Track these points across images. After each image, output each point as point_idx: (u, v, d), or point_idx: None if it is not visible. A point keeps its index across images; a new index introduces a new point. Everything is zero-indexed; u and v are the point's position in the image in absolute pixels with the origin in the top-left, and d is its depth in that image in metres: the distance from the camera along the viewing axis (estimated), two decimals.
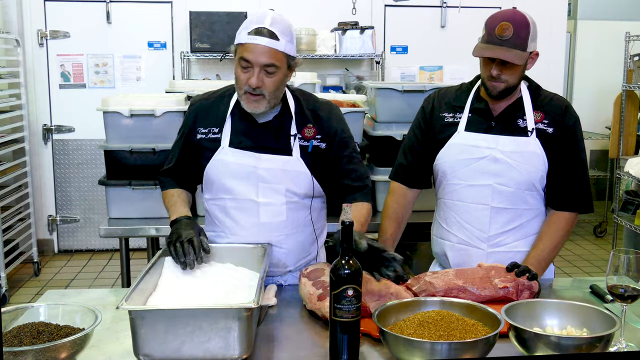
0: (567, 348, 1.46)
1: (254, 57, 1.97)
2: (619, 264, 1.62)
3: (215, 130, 2.14)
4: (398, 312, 1.65)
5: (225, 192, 2.13)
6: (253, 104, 2.03)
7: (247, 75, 2.00)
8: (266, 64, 1.98)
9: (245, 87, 2.01)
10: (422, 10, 5.79)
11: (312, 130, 2.15)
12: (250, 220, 2.11)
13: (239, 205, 2.12)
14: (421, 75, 5.85)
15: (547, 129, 2.16)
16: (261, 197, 2.11)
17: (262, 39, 1.97)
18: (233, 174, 2.11)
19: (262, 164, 2.10)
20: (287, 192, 2.12)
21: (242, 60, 1.99)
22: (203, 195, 2.23)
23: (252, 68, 1.99)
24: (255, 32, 1.98)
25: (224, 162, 2.11)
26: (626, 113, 5.30)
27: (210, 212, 2.21)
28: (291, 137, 2.13)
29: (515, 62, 2.04)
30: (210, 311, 1.54)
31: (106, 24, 5.51)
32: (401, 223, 2.34)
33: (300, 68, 5.93)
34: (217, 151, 2.12)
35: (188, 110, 2.24)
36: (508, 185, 2.17)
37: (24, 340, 1.48)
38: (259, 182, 2.10)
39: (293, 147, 2.12)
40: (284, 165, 2.11)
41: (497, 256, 2.18)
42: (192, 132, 2.18)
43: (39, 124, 5.57)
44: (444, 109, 2.28)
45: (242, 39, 2.00)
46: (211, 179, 2.15)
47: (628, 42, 5.18)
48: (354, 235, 1.59)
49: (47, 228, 5.68)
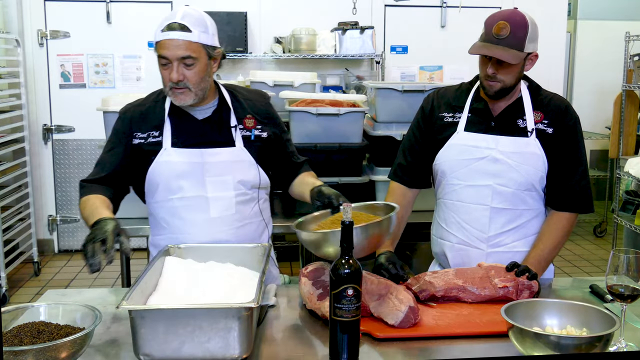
0: (567, 348, 1.46)
1: (170, 52, 2.02)
2: (618, 264, 1.62)
3: (155, 134, 2.15)
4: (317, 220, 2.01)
5: (172, 192, 2.15)
6: (179, 97, 2.08)
7: (167, 71, 2.05)
8: (183, 57, 2.02)
9: (169, 83, 2.06)
10: (422, 10, 5.79)
11: (252, 120, 2.22)
12: (200, 217, 2.13)
13: (188, 203, 2.14)
14: (421, 75, 5.85)
15: (547, 129, 2.16)
16: (210, 192, 2.14)
17: (175, 33, 2.02)
18: (179, 173, 2.13)
19: (208, 158, 2.14)
20: (236, 184, 2.17)
21: (160, 58, 2.05)
22: (147, 200, 2.23)
23: (170, 63, 2.04)
24: (168, 28, 2.02)
25: (169, 162, 2.13)
26: (626, 113, 5.30)
27: (156, 216, 2.21)
28: (232, 128, 2.18)
29: (510, 62, 2.04)
30: (210, 311, 1.54)
31: (106, 24, 5.51)
32: (401, 223, 2.34)
33: (301, 68, 5.91)
34: (160, 153, 2.13)
35: (120, 120, 2.22)
36: (508, 186, 2.17)
37: (24, 340, 1.48)
38: (207, 176, 2.14)
39: (235, 138, 2.18)
40: (229, 157, 2.16)
41: (496, 256, 2.18)
42: (128, 138, 2.17)
43: (39, 124, 5.58)
44: (444, 109, 2.28)
45: (156, 37, 2.05)
46: (155, 182, 2.15)
47: (628, 42, 5.18)
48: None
49: (47, 228, 5.69)
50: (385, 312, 1.77)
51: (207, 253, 2.02)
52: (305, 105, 3.16)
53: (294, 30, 5.32)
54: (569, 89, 7.14)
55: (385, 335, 1.72)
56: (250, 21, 5.40)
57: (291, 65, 5.51)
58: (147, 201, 2.24)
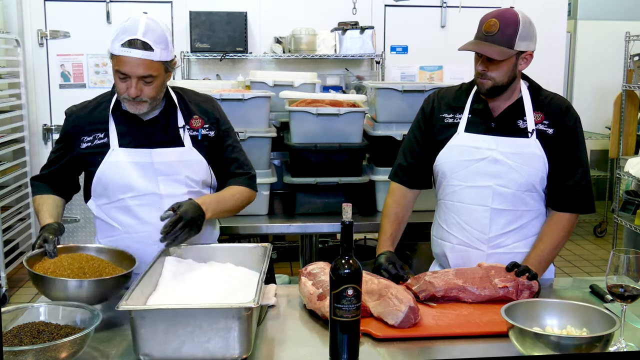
0: (567, 348, 1.46)
1: (130, 70, 2.01)
2: (619, 264, 1.62)
3: (101, 135, 2.15)
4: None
5: (124, 191, 2.15)
6: (136, 107, 2.08)
7: (125, 84, 2.04)
8: (143, 76, 2.01)
9: (125, 95, 2.05)
10: (422, 10, 5.79)
11: (199, 120, 2.23)
12: (154, 215, 2.12)
13: (142, 201, 2.15)
14: (421, 75, 5.85)
15: (547, 130, 2.16)
16: (163, 190, 2.15)
17: (136, 52, 2.00)
18: (130, 173, 2.13)
19: (158, 157, 2.15)
20: (187, 180, 2.18)
21: (117, 72, 2.02)
22: (94, 202, 2.21)
23: (129, 79, 2.02)
24: (129, 44, 1.99)
25: (118, 162, 2.13)
26: (626, 113, 5.30)
27: (107, 217, 2.20)
28: (180, 129, 2.19)
29: (495, 58, 2.05)
30: (210, 311, 1.54)
31: (106, 24, 5.51)
32: (401, 223, 2.34)
33: (301, 68, 5.90)
34: (108, 154, 2.13)
35: (65, 122, 2.23)
36: (508, 187, 2.16)
37: (24, 340, 1.48)
38: (158, 175, 2.15)
39: (184, 138, 2.19)
40: (179, 156, 2.17)
41: (497, 257, 2.18)
42: (73, 142, 2.18)
43: (39, 124, 5.57)
44: (444, 110, 2.28)
45: (115, 49, 2.02)
46: (105, 183, 2.15)
47: (628, 42, 5.18)
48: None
49: None
50: (385, 312, 1.77)
51: (207, 253, 2.02)
52: (305, 105, 3.15)
53: (294, 30, 5.32)
54: (569, 89, 7.14)
55: (385, 335, 1.72)
56: (250, 21, 5.39)
57: (291, 65, 5.50)
58: (93, 203, 2.22)
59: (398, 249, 2.28)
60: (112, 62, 2.05)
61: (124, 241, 2.14)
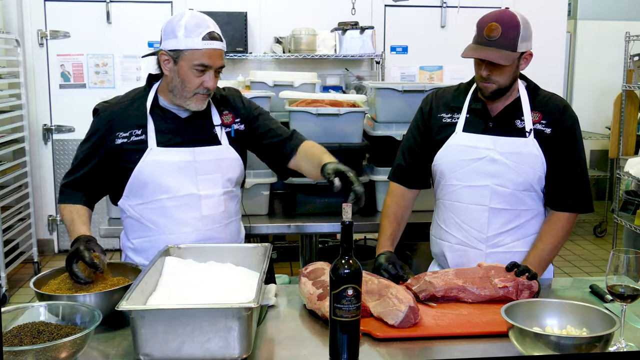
0: (567, 348, 1.46)
1: (212, 61, 2.05)
2: (618, 264, 1.62)
3: (138, 132, 2.13)
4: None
5: (162, 192, 2.13)
6: (203, 102, 2.11)
7: (201, 78, 2.06)
8: (220, 67, 2.07)
9: (200, 89, 2.07)
10: (422, 10, 5.79)
11: (230, 116, 2.23)
12: (192, 215, 2.13)
13: (180, 202, 2.14)
14: (421, 75, 5.85)
15: (545, 130, 2.16)
16: (202, 190, 2.15)
17: (217, 43, 2.05)
18: (169, 172, 2.12)
19: (199, 156, 2.15)
20: (224, 182, 2.19)
21: (198, 66, 2.04)
22: (126, 202, 2.19)
23: (207, 72, 2.05)
24: (211, 37, 2.04)
25: (158, 162, 2.12)
26: (626, 113, 5.30)
27: (142, 217, 2.17)
28: (217, 127, 2.20)
29: (502, 63, 2.04)
30: (210, 311, 1.54)
31: (106, 24, 5.51)
32: (400, 223, 2.34)
33: (301, 68, 5.92)
34: (146, 153, 2.12)
35: (98, 118, 2.18)
36: (506, 186, 2.17)
37: (24, 340, 1.48)
38: (198, 175, 2.15)
39: (221, 137, 2.19)
40: (218, 155, 2.18)
41: (495, 257, 2.18)
42: (107, 138, 2.14)
43: (39, 124, 5.58)
44: (442, 110, 2.28)
45: (196, 44, 2.02)
46: (142, 182, 2.13)
47: (628, 42, 5.18)
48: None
49: (47, 228, 5.68)
50: (385, 312, 1.77)
51: (207, 253, 2.02)
52: (305, 106, 3.15)
53: (294, 31, 5.32)
54: (568, 89, 7.14)
55: (385, 335, 1.72)
56: (250, 21, 5.40)
57: (291, 65, 5.50)
58: (126, 203, 2.19)
59: (398, 249, 2.28)
60: (181, 59, 2.04)
61: (158, 242, 2.11)
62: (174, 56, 2.06)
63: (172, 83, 2.10)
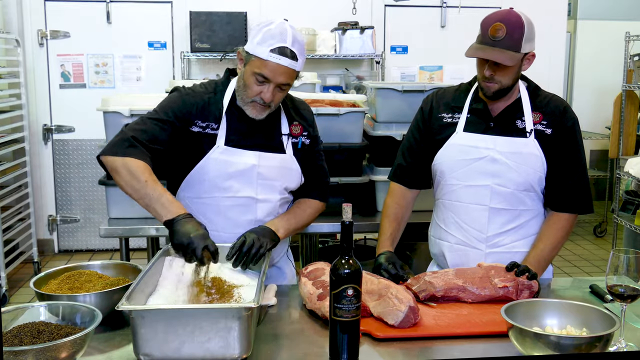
0: (567, 348, 1.46)
1: (273, 76, 1.99)
2: (618, 264, 1.62)
3: (215, 126, 2.11)
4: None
5: (221, 190, 2.13)
6: (258, 111, 2.07)
7: (260, 88, 2.02)
8: (283, 83, 2.01)
9: (257, 98, 2.03)
10: (422, 10, 5.80)
11: (299, 127, 2.22)
12: (247, 218, 2.13)
13: (237, 202, 2.13)
14: (421, 75, 5.85)
15: (545, 130, 2.16)
16: (260, 195, 2.14)
17: (285, 60, 1.98)
18: (232, 173, 2.11)
19: (263, 162, 2.13)
20: (282, 189, 2.18)
21: (258, 75, 2.00)
22: (182, 192, 2.16)
23: (267, 83, 2.01)
24: (279, 52, 1.97)
25: (224, 161, 2.11)
26: (626, 113, 5.30)
27: (195, 211, 2.12)
28: (284, 136, 2.18)
29: (507, 64, 2.04)
30: (210, 311, 1.55)
31: (106, 24, 5.51)
32: (401, 223, 2.34)
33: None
34: (212, 149, 2.10)
35: (183, 99, 2.11)
36: (506, 186, 2.17)
37: (24, 340, 1.48)
38: (259, 179, 2.13)
39: (286, 146, 2.18)
40: (280, 163, 2.17)
41: (495, 257, 2.18)
42: (186, 120, 2.08)
43: (39, 124, 5.58)
44: (443, 110, 2.28)
45: (262, 54, 1.98)
46: (202, 177, 2.12)
47: (628, 42, 5.18)
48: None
49: (47, 228, 5.68)
50: (385, 312, 1.77)
51: None
52: None
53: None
54: (568, 89, 7.14)
55: (385, 335, 1.72)
56: (250, 21, 5.39)
57: None
58: (181, 193, 2.16)
59: (398, 249, 2.28)
60: (249, 63, 2.02)
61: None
62: (246, 58, 2.04)
63: (238, 83, 2.09)
